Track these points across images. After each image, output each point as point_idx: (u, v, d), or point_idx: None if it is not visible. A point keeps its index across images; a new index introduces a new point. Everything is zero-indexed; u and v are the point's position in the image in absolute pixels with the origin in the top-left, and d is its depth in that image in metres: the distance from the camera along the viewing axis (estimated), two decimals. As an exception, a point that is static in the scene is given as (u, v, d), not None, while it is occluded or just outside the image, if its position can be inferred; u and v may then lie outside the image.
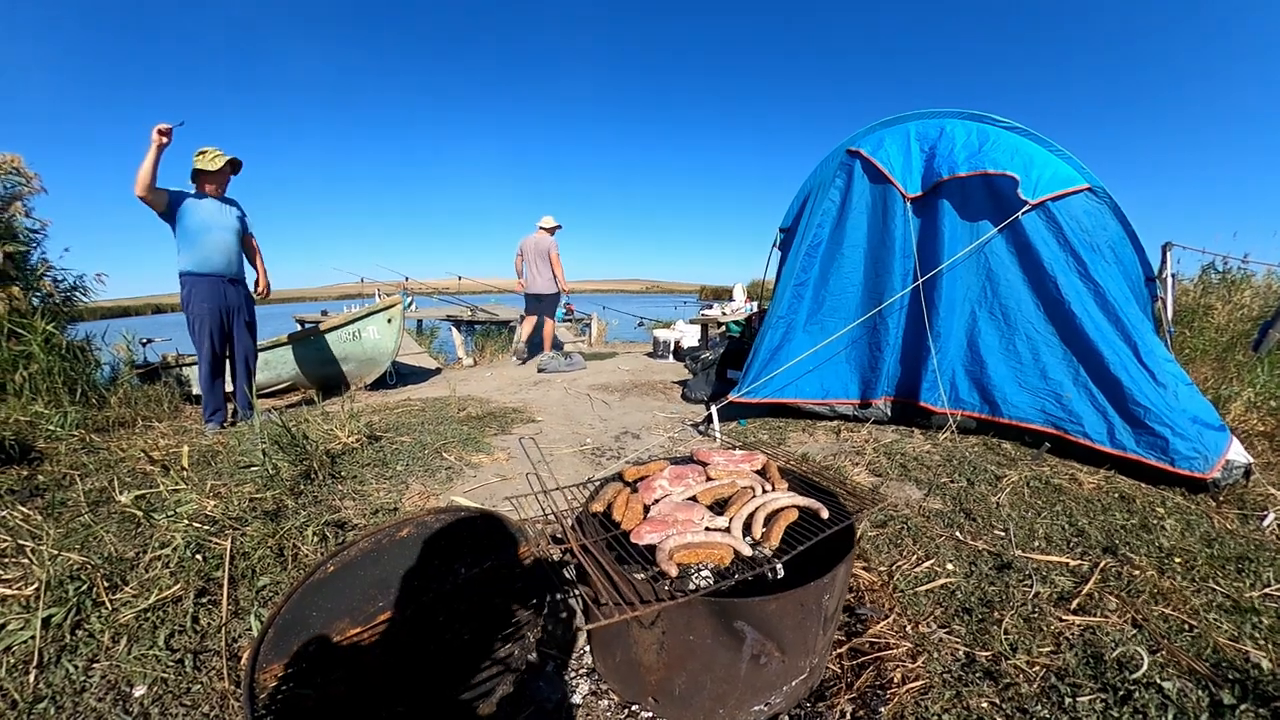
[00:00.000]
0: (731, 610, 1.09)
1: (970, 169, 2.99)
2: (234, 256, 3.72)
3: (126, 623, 1.49)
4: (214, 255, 3.60)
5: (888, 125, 3.42)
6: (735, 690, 1.16)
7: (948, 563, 1.82)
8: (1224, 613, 1.53)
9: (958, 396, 3.16)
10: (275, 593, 1.66)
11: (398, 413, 4.02)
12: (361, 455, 2.89)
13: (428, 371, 6.67)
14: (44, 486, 2.50)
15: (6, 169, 4.30)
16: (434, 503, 2.39)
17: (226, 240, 3.65)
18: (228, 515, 1.98)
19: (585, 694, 1.35)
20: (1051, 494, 2.35)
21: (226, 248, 3.65)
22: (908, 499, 2.35)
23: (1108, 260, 2.92)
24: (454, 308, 10.48)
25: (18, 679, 1.31)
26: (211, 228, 3.59)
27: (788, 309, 3.46)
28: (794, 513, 1.33)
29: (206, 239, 3.57)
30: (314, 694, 1.15)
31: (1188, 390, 2.59)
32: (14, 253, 4.16)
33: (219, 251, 3.61)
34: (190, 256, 3.56)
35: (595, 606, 1.12)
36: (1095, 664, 1.33)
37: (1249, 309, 5.18)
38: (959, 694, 1.25)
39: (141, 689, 1.31)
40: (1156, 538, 1.96)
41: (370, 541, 1.60)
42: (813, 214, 3.48)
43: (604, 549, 1.24)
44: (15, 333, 3.86)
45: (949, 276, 3.11)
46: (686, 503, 1.40)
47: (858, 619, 1.55)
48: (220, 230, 3.62)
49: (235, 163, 3.70)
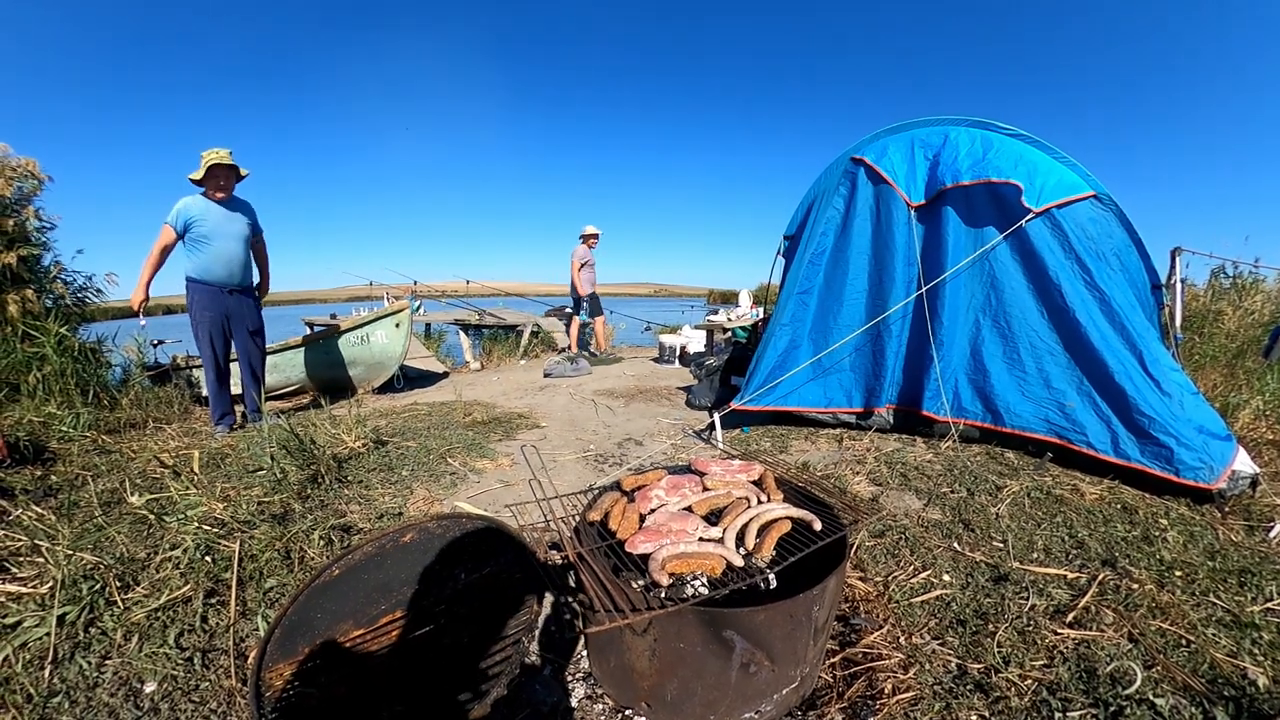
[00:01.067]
0: (720, 620, 1.11)
1: (974, 177, 2.99)
2: (236, 267, 3.65)
3: (138, 621, 1.54)
4: (215, 265, 3.56)
5: (892, 133, 3.43)
6: (726, 697, 1.18)
7: (944, 574, 1.82)
8: (1223, 628, 1.52)
9: (960, 405, 3.16)
10: (282, 594, 1.70)
11: (404, 417, 4.07)
12: (368, 460, 2.94)
13: (435, 375, 6.73)
14: (57, 487, 2.57)
15: (21, 172, 4.40)
16: (438, 508, 2.43)
17: (229, 250, 3.59)
18: (236, 518, 2.03)
19: (581, 698, 1.37)
20: (1052, 505, 2.35)
21: (229, 258, 3.60)
22: (907, 509, 2.35)
23: (1113, 268, 2.90)
24: (462, 311, 10.56)
25: (33, 674, 1.36)
26: (213, 237, 3.53)
27: (791, 317, 3.47)
28: (787, 524, 1.35)
29: (208, 249, 3.53)
30: (317, 693, 1.19)
31: (1193, 399, 2.58)
32: (28, 255, 4.25)
33: (220, 262, 3.57)
34: (193, 263, 3.55)
35: (590, 613, 1.14)
36: (1088, 679, 1.33)
37: (1260, 314, 5.11)
38: (949, 706, 1.26)
39: (152, 685, 1.35)
40: (1158, 550, 1.95)
41: (374, 546, 1.64)
42: (817, 221, 3.49)
43: (600, 557, 1.27)
44: (29, 334, 3.95)
45: (952, 284, 3.11)
46: (681, 513, 1.42)
47: (852, 629, 1.56)
48: (223, 239, 3.56)
49: (232, 170, 3.55)
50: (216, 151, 3.52)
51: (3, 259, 4.02)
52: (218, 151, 3.52)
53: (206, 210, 3.53)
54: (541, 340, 9.19)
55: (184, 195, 3.54)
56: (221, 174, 3.54)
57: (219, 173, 3.52)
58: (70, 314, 4.49)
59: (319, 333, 5.33)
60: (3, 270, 4.03)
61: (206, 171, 3.48)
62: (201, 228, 3.51)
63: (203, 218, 3.51)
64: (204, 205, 3.54)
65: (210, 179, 3.52)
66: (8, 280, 4.09)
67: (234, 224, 3.63)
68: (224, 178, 3.56)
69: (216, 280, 3.59)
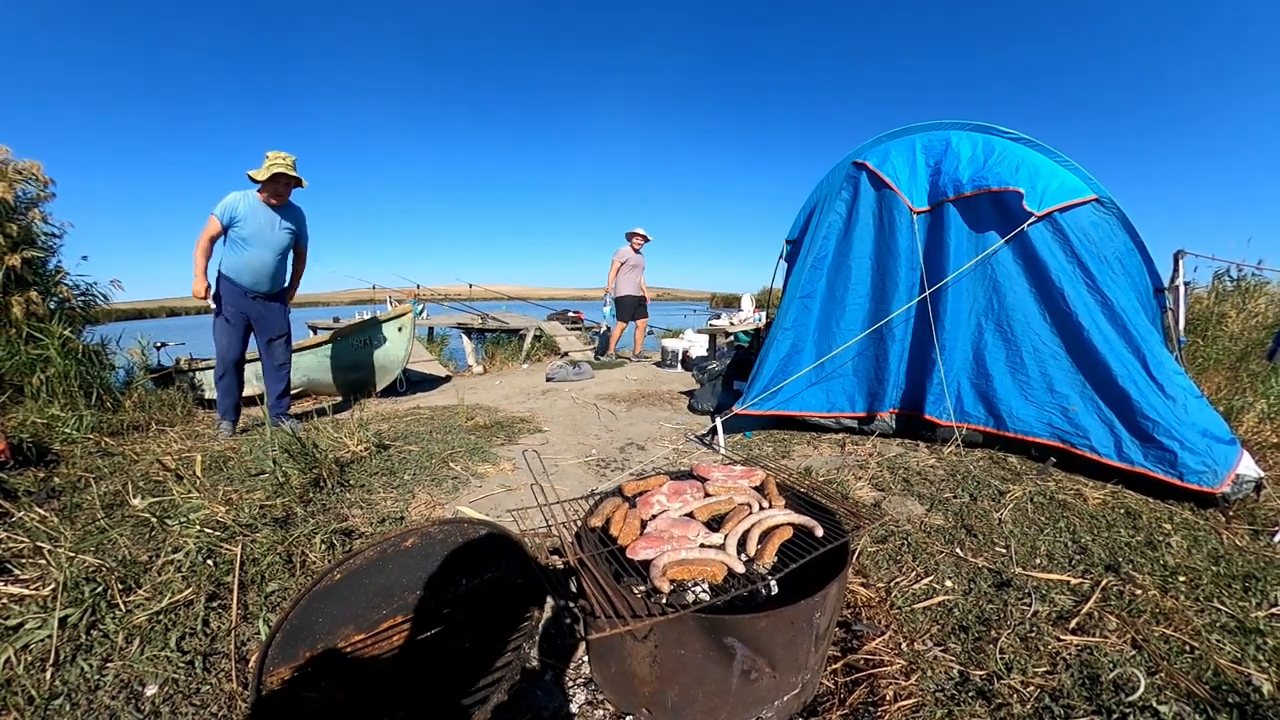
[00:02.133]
0: (721, 626, 1.11)
1: (975, 188, 2.99)
2: (264, 276, 3.61)
3: (139, 624, 1.54)
4: (244, 270, 3.54)
5: (894, 137, 3.43)
6: (726, 704, 1.18)
7: (947, 580, 1.82)
8: (1227, 634, 1.52)
9: (963, 409, 3.15)
10: (283, 598, 1.70)
11: (407, 421, 4.07)
12: (370, 464, 2.94)
13: (437, 379, 6.74)
14: (60, 489, 2.57)
15: (26, 175, 4.43)
16: (439, 513, 2.43)
17: (262, 259, 3.55)
18: (238, 522, 2.03)
19: (581, 703, 1.37)
20: (1055, 509, 2.34)
21: (259, 267, 3.56)
22: (909, 514, 2.34)
23: (1116, 271, 2.90)
24: (464, 315, 10.58)
25: (35, 676, 1.36)
26: (251, 242, 3.49)
27: (794, 321, 3.47)
28: (788, 530, 1.35)
29: (243, 252, 3.50)
30: (318, 697, 1.19)
31: (1197, 403, 2.57)
32: (32, 258, 4.27)
33: (249, 269, 3.54)
34: (226, 259, 3.53)
35: (592, 619, 1.14)
36: (1091, 685, 1.32)
37: (1263, 317, 5.10)
38: (951, 713, 1.25)
39: (153, 688, 1.36)
40: (1161, 555, 1.94)
41: (376, 551, 1.64)
42: (819, 226, 3.49)
43: (601, 563, 1.27)
44: (33, 336, 3.97)
45: (955, 289, 3.10)
46: (683, 519, 1.42)
47: (854, 635, 1.56)
48: (260, 247, 3.52)
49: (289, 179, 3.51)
50: (283, 157, 3.46)
51: (7, 261, 4.04)
52: (284, 157, 3.46)
53: (253, 212, 3.48)
54: (544, 344, 9.20)
55: (234, 189, 3.50)
56: (282, 181, 3.49)
57: (280, 179, 3.47)
58: (74, 316, 4.50)
59: (322, 336, 5.36)
60: (7, 273, 4.05)
61: (269, 177, 3.43)
62: (243, 229, 3.46)
63: (247, 219, 3.46)
64: (252, 206, 3.48)
65: (270, 184, 3.46)
66: (12, 282, 4.11)
67: (276, 233, 3.58)
68: (283, 184, 3.52)
69: (243, 284, 3.57)
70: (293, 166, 3.48)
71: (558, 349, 9.05)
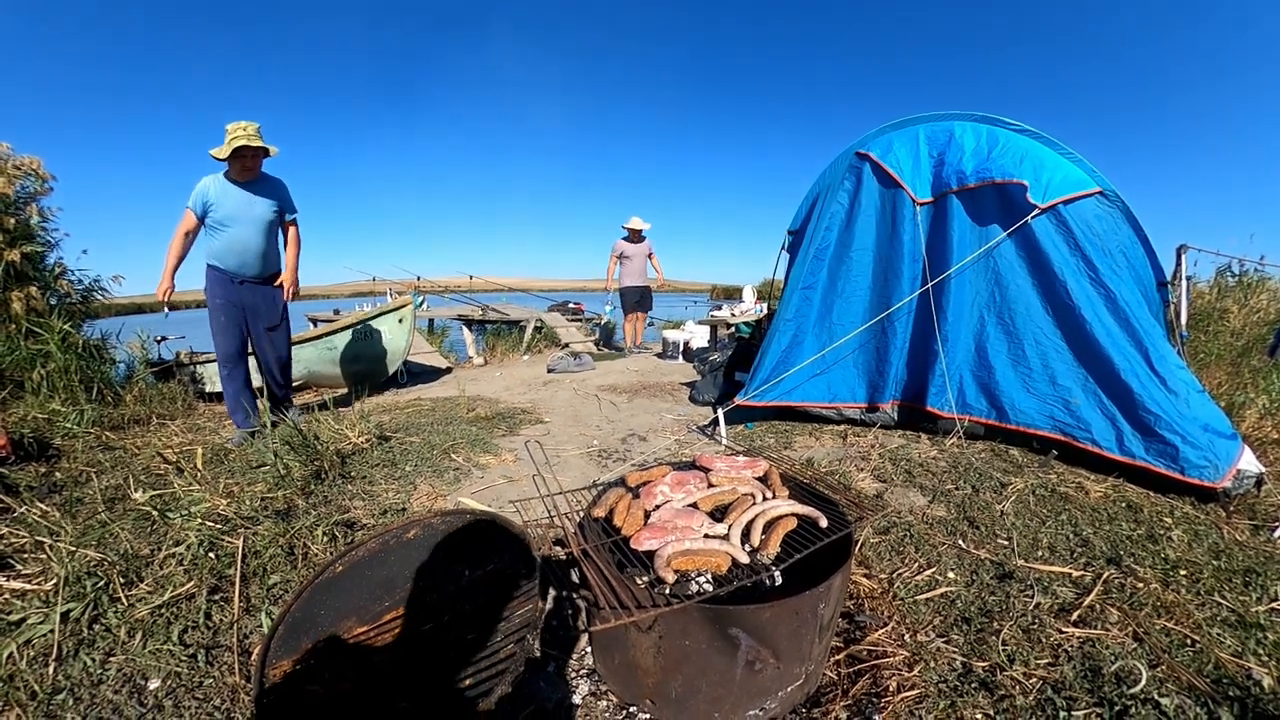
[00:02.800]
0: (726, 617, 1.11)
1: (979, 180, 2.97)
2: (251, 256, 3.36)
3: (142, 618, 1.54)
4: (228, 254, 3.31)
5: (897, 128, 3.40)
6: (730, 695, 1.18)
7: (949, 571, 1.82)
8: (1228, 627, 1.52)
9: (965, 401, 3.15)
10: (285, 591, 1.71)
11: (408, 412, 4.07)
12: (371, 455, 2.94)
13: (438, 370, 6.73)
14: (61, 483, 2.57)
15: (25, 171, 4.40)
16: (441, 504, 2.43)
17: (244, 237, 3.31)
18: (240, 514, 2.03)
19: (585, 694, 1.37)
20: (1057, 502, 2.34)
21: (242, 247, 3.32)
22: (911, 506, 2.34)
23: (1119, 265, 2.88)
24: (465, 307, 10.56)
25: (38, 671, 1.36)
26: (229, 222, 3.26)
27: (795, 312, 3.46)
28: (793, 521, 1.34)
29: (222, 234, 3.28)
30: (321, 689, 1.19)
31: (1199, 398, 2.56)
32: (31, 253, 4.25)
33: (232, 250, 3.31)
34: (209, 247, 3.33)
35: (595, 610, 1.14)
36: (1093, 677, 1.32)
37: (1265, 312, 5.09)
38: (953, 704, 1.25)
39: (156, 682, 1.36)
40: (1163, 549, 1.94)
41: (378, 542, 1.64)
42: (821, 217, 3.47)
43: (605, 554, 1.27)
44: (33, 331, 3.96)
45: (957, 281, 3.09)
46: (687, 509, 1.41)
47: (857, 626, 1.56)
48: (240, 225, 3.28)
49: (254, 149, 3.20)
50: (243, 127, 3.16)
51: (6, 256, 4.02)
52: (244, 127, 3.16)
53: (225, 193, 3.25)
54: (545, 336, 9.19)
55: (205, 174, 3.28)
56: (248, 154, 3.20)
57: (245, 153, 3.18)
58: (75, 311, 4.49)
59: (322, 329, 5.34)
60: (6, 267, 4.03)
61: (232, 152, 3.14)
62: (218, 211, 3.24)
63: (220, 201, 3.24)
64: (223, 186, 3.26)
65: (235, 159, 3.19)
66: (12, 277, 4.09)
67: (255, 208, 3.32)
68: (250, 157, 3.22)
69: (229, 269, 3.35)
70: (257, 135, 3.18)
71: (558, 340, 9.04)
